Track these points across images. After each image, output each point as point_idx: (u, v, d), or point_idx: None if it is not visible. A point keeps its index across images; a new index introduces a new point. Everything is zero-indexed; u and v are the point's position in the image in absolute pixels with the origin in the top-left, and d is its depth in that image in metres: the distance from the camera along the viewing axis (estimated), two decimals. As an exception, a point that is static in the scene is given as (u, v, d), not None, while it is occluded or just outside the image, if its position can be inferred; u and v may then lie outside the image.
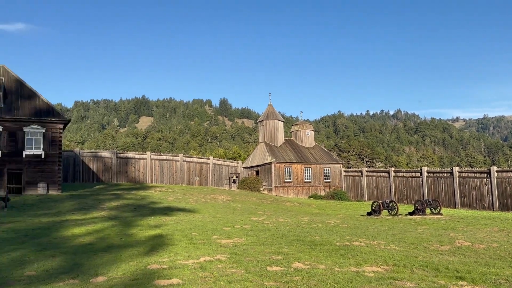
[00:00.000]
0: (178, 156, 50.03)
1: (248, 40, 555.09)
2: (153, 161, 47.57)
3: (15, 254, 11.60)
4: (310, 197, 50.69)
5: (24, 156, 32.47)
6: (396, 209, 28.02)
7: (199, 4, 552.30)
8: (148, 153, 48.89)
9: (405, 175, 47.07)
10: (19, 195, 30.52)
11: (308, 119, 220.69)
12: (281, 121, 56.69)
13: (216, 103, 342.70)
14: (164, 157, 49.27)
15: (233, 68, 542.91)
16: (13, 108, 33.08)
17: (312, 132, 58.59)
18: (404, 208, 34.94)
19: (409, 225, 20.95)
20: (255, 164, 54.10)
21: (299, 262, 10.37)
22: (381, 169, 61.85)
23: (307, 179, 52.78)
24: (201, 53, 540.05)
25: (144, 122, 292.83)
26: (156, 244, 13.03)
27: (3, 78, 34.98)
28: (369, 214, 28.22)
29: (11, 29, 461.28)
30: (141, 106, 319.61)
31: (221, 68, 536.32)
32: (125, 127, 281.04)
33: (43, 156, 32.96)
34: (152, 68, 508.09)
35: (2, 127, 32.04)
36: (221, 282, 8.38)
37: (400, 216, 27.09)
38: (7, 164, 31.96)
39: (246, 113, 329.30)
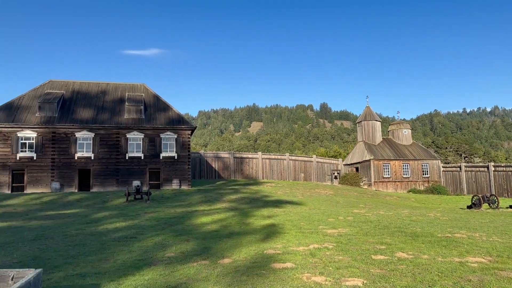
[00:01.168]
0: (285, 156, 50.48)
1: (348, 45, 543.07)
2: (263, 160, 48.56)
3: (157, 238, 12.51)
4: (409, 191, 48.15)
5: (161, 157, 35.04)
6: (496, 203, 25.56)
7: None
8: (259, 153, 49.98)
9: (505, 169, 42.71)
10: (158, 189, 32.95)
11: (404, 119, 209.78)
12: (378, 121, 54.65)
13: (316, 107, 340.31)
14: (273, 157, 50.02)
15: (332, 74, 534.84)
16: (151, 118, 35.87)
17: (409, 130, 55.62)
18: (505, 202, 31.72)
19: (510, 218, 18.99)
20: (355, 161, 52.77)
21: (402, 252, 9.91)
22: (480, 164, 56.75)
23: (406, 175, 50.22)
24: (301, 61, 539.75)
25: (255, 127, 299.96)
26: (270, 232, 13.27)
27: (143, 94, 38.12)
28: (469, 207, 26.06)
29: (148, 54, 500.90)
30: (252, 113, 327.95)
31: (320, 75, 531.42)
32: (239, 131, 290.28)
33: (175, 158, 35.28)
34: (261, 80, 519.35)
35: (143, 135, 34.89)
36: (330, 268, 8.31)
37: (501, 209, 24.67)
38: (148, 164, 34.75)
39: (344, 115, 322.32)
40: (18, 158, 32.29)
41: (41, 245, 11.55)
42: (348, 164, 53.96)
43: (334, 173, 51.31)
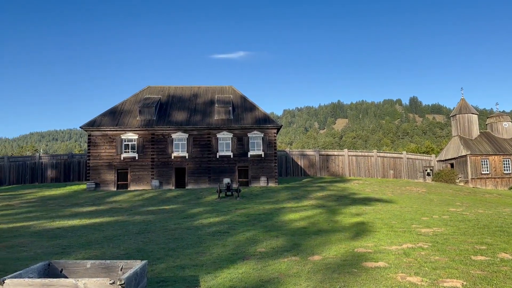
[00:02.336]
0: (373, 152, 48.84)
1: (438, 36, 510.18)
2: (350, 157, 47.45)
3: (248, 234, 12.83)
4: (510, 188, 43.94)
5: (249, 156, 35.88)
6: None
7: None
8: (346, 150, 48.92)
9: None
10: (246, 187, 33.78)
11: (504, 110, 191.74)
12: (475, 114, 50.55)
13: (405, 101, 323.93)
14: (360, 154, 48.67)
15: (422, 66, 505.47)
16: (239, 119, 36.87)
17: (510, 123, 50.70)
18: None
19: None
20: (449, 157, 49.39)
21: (505, 252, 9.10)
22: None
23: (507, 171, 45.88)
24: (386, 55, 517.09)
25: (340, 124, 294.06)
26: (360, 230, 12.95)
27: (231, 96, 39.32)
28: None
29: (235, 57, 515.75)
30: (336, 110, 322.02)
31: (409, 68, 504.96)
32: (324, 128, 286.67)
33: (262, 156, 35.90)
34: (345, 76, 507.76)
35: (232, 134, 35.99)
36: (426, 268, 7.89)
37: None
38: (237, 162, 35.78)
39: (436, 109, 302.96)
40: (122, 158, 35.10)
41: (144, 238, 12.44)
42: (442, 160, 50.66)
43: (426, 170, 48.51)
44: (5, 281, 4.83)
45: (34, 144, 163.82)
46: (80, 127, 36.10)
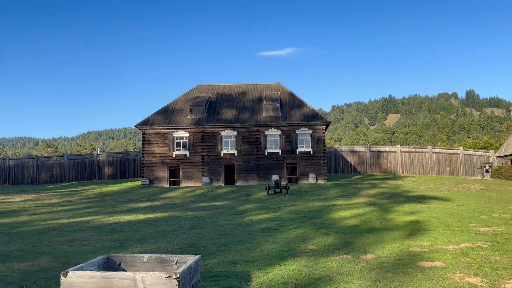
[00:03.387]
0: (427, 148, 47.03)
1: (496, 27, 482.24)
2: (402, 153, 45.98)
3: (298, 231, 12.79)
4: None
5: (297, 153, 35.72)
6: None
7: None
8: (398, 146, 47.46)
9: None
10: (295, 184, 33.67)
11: None
12: (539, 107, 47.37)
13: (462, 95, 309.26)
14: (413, 150, 47.03)
15: (479, 59, 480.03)
16: (287, 115, 36.78)
17: None
18: None
19: None
20: (509, 153, 46.60)
21: None
22: None
23: None
24: (440, 47, 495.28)
25: (392, 119, 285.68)
26: (414, 229, 12.54)
27: (279, 92, 39.30)
28: None
29: (283, 54, 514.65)
30: (388, 105, 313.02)
31: (465, 61, 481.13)
32: (375, 124, 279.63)
33: (311, 153, 35.62)
34: (397, 70, 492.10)
35: (280, 131, 35.97)
36: (486, 268, 7.52)
37: None
38: (285, 159, 35.74)
39: (495, 102, 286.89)
40: (174, 156, 36.11)
41: (197, 233, 12.74)
42: (502, 156, 47.90)
43: (484, 166, 46.09)
44: (68, 273, 5.11)
45: (91, 142, 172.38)
46: (134, 126, 37.51)
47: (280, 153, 35.77)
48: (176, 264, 6.48)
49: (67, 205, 22.74)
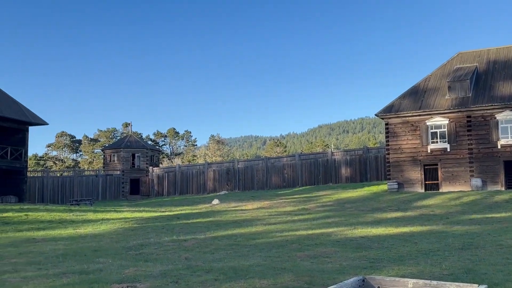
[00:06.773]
0: None
1: None
2: None
3: None
4: None
5: None
6: None
7: None
8: None
9: None
10: None
11: None
12: None
13: None
14: None
15: None
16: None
17: None
18: None
19: None
20: None
21: None
22: None
23: None
24: None
25: None
26: None
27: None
28: None
29: None
30: None
31: None
32: None
33: None
34: None
35: None
36: None
37: None
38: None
39: None
40: (429, 151, 35.19)
41: (472, 255, 12.11)
42: None
43: None
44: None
45: (323, 138, 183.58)
46: (375, 115, 38.30)
47: None
48: (453, 295, 6.30)
49: (303, 214, 24.83)
